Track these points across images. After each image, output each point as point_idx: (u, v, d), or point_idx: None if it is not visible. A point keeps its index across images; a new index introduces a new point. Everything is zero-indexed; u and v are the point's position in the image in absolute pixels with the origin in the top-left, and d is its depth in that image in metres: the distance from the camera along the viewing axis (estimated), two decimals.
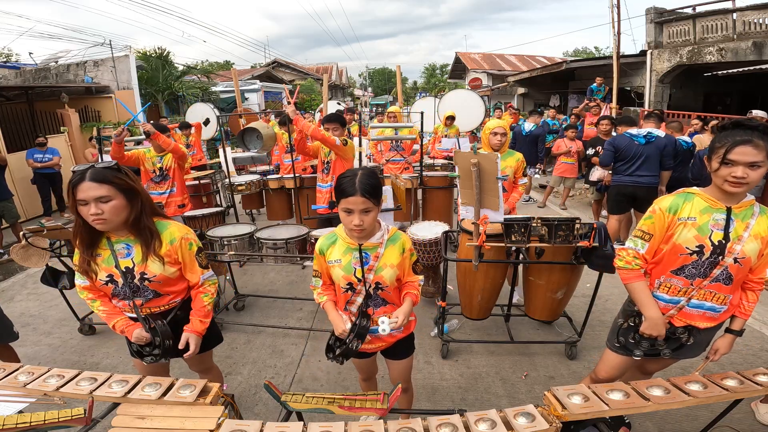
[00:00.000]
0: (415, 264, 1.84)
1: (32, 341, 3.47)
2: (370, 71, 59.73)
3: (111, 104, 10.38)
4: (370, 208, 1.62)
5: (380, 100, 36.20)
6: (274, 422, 1.36)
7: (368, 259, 1.74)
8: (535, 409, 1.39)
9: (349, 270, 1.75)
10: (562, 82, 14.87)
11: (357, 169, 1.70)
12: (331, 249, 1.80)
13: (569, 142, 6.85)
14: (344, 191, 1.60)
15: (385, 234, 1.75)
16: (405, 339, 1.94)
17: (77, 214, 1.61)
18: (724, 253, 1.63)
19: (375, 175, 1.68)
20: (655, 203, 1.75)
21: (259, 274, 4.71)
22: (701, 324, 1.78)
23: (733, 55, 8.48)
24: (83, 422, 1.40)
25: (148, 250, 1.71)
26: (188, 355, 1.82)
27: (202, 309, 1.89)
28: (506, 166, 3.31)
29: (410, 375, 2.08)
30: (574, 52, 41.61)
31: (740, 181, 1.52)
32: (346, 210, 1.63)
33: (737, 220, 1.63)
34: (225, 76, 18.58)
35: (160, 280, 1.76)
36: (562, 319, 3.25)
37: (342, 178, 1.64)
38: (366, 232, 1.69)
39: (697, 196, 1.68)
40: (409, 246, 1.81)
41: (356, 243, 1.73)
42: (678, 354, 1.89)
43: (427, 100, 9.22)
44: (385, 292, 1.80)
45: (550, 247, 2.62)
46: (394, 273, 1.76)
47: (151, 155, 3.97)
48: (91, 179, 1.56)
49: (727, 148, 1.53)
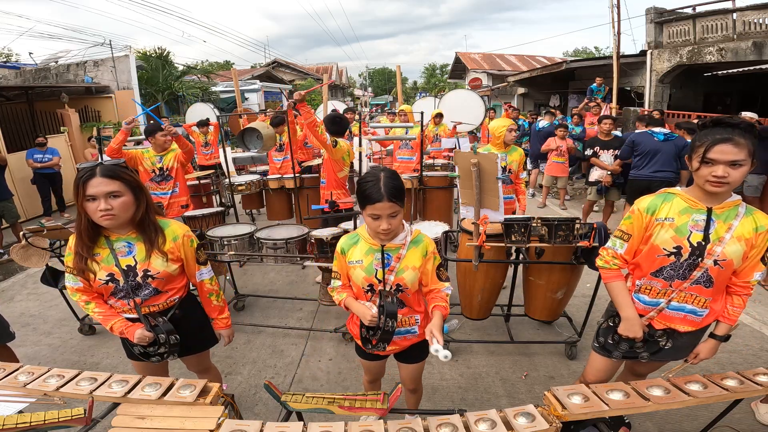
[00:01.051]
0: (440, 268, 1.77)
1: (32, 341, 3.47)
2: (370, 71, 59.73)
3: (111, 104, 10.38)
4: (397, 212, 1.59)
5: (380, 100, 36.24)
6: (274, 422, 1.36)
7: (390, 260, 1.71)
8: (535, 409, 1.39)
9: (370, 271, 1.72)
10: (562, 82, 14.85)
11: (377, 170, 1.63)
12: (353, 249, 1.77)
13: (559, 140, 6.85)
14: (369, 197, 1.55)
15: (408, 235, 1.72)
16: (419, 343, 1.91)
17: (83, 212, 1.60)
18: (703, 255, 1.59)
19: (397, 176, 1.63)
20: (635, 203, 1.72)
21: (259, 274, 4.71)
22: (681, 327, 1.74)
23: (733, 55, 8.47)
24: (83, 422, 1.40)
25: (152, 247, 1.71)
26: (225, 344, 2.04)
27: (215, 309, 1.97)
28: (512, 161, 3.57)
29: (421, 377, 2.07)
30: (574, 52, 41.61)
31: (721, 180, 1.47)
32: (372, 216, 1.58)
33: (719, 221, 1.58)
34: (225, 76, 18.58)
35: (163, 277, 1.77)
36: (562, 319, 3.25)
37: (365, 183, 1.59)
38: (392, 234, 1.67)
39: (677, 197, 1.65)
40: (433, 248, 1.76)
41: (379, 244, 1.70)
42: (657, 357, 1.85)
43: (427, 100, 9.23)
44: (405, 294, 1.76)
45: (550, 247, 2.62)
46: (416, 275, 1.72)
47: (150, 155, 3.89)
48: (102, 175, 1.56)
49: (706, 147, 1.48)
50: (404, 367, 1.99)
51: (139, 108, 10.16)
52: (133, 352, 1.87)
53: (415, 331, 1.86)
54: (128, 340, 1.78)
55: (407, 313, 1.82)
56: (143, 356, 1.84)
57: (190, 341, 1.93)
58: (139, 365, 1.94)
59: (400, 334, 1.84)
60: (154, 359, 1.83)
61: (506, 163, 3.55)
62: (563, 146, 6.80)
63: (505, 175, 3.52)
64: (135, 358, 1.90)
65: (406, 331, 1.85)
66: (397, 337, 1.84)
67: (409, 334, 1.86)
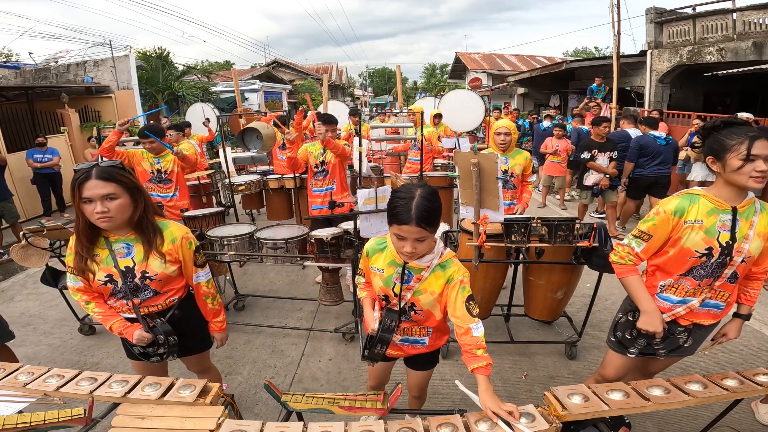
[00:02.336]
0: (470, 302, 1.56)
1: (32, 341, 3.47)
2: (370, 71, 59.74)
3: (111, 104, 10.37)
4: (426, 237, 1.47)
5: (380, 100, 36.27)
6: (274, 422, 1.36)
7: (410, 278, 1.64)
8: (535, 409, 1.39)
9: (389, 283, 1.67)
10: (562, 82, 14.85)
11: (414, 187, 1.48)
12: (378, 256, 1.71)
13: (556, 140, 6.84)
14: (397, 216, 1.44)
15: (435, 259, 1.61)
16: (429, 352, 1.87)
17: (81, 213, 1.60)
18: (732, 253, 1.63)
19: (435, 197, 1.48)
20: (660, 205, 1.72)
21: (259, 274, 4.71)
22: (706, 321, 1.79)
23: (733, 55, 8.47)
24: (83, 422, 1.40)
25: (150, 248, 1.71)
26: (217, 346, 2.04)
27: (210, 312, 1.95)
28: (515, 164, 3.37)
29: (427, 385, 2.03)
30: (574, 52, 41.60)
31: (764, 174, 1.51)
32: (397, 235, 1.49)
33: (742, 220, 1.62)
34: (225, 76, 18.56)
35: (161, 279, 1.76)
36: (562, 319, 3.25)
37: (396, 200, 1.47)
38: (417, 257, 1.57)
39: (703, 198, 1.66)
40: (461, 277, 1.58)
41: (402, 260, 1.63)
42: (674, 354, 1.87)
43: (427, 100, 9.22)
44: (419, 315, 1.71)
45: (550, 247, 2.62)
46: (434, 301, 1.64)
47: (148, 155, 3.78)
48: (98, 177, 1.55)
49: (749, 144, 1.50)
50: (411, 373, 1.96)
51: (137, 110, 10.17)
52: (132, 352, 1.88)
53: (424, 342, 1.81)
54: (128, 340, 1.78)
55: (420, 324, 1.76)
56: (143, 356, 1.84)
57: (189, 342, 1.93)
58: (138, 365, 1.94)
59: (409, 342, 1.81)
60: (154, 359, 1.83)
61: (507, 167, 3.37)
62: (561, 146, 6.79)
63: (505, 177, 3.41)
64: (135, 358, 1.91)
65: (414, 341, 1.80)
66: (404, 344, 1.82)
67: (417, 344, 1.81)
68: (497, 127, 3.35)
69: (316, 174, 3.88)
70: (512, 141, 3.33)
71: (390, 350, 1.81)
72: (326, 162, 3.82)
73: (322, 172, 3.86)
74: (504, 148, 3.32)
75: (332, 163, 3.82)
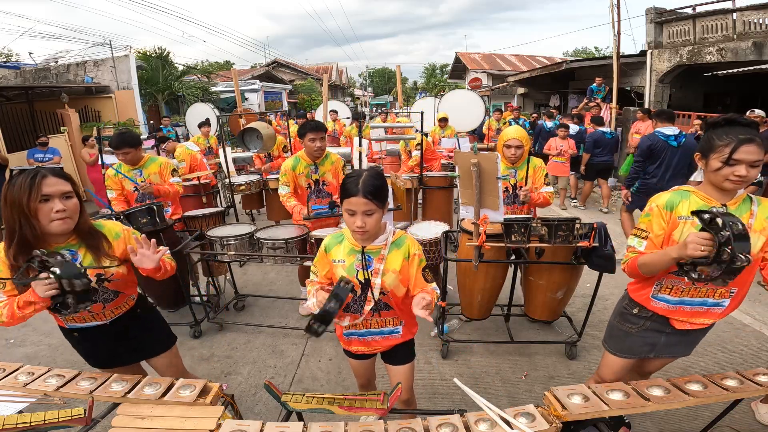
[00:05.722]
0: (425, 271, 1.73)
1: (32, 341, 3.46)
2: (370, 71, 59.75)
3: (111, 104, 10.39)
4: (373, 210, 1.58)
5: (380, 100, 36.23)
6: (274, 422, 1.36)
7: (371, 262, 1.71)
8: (535, 409, 1.39)
9: (351, 272, 1.73)
10: (562, 82, 14.84)
11: (364, 169, 1.66)
12: (337, 248, 1.78)
13: (561, 141, 6.83)
14: (347, 191, 1.58)
15: (389, 237, 1.71)
16: (404, 343, 1.90)
17: (28, 218, 1.46)
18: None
19: (380, 176, 1.64)
20: (652, 200, 1.72)
21: (259, 274, 4.72)
22: (707, 321, 1.76)
23: (733, 55, 8.46)
24: (83, 422, 1.40)
25: (100, 252, 1.67)
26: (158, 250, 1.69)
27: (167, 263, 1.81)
28: (523, 177, 3.01)
29: (411, 384, 1.99)
30: (574, 52, 41.60)
31: (742, 179, 1.50)
32: (348, 211, 1.60)
33: None
34: (225, 76, 18.58)
35: (119, 278, 1.75)
36: (562, 319, 3.25)
37: (347, 178, 1.62)
38: (369, 235, 1.65)
39: (693, 194, 1.66)
40: (415, 251, 1.73)
41: (360, 245, 1.71)
42: (667, 354, 1.88)
43: (427, 100, 9.23)
44: (387, 297, 1.76)
45: (550, 247, 2.62)
46: (396, 278, 1.70)
47: (125, 170, 3.39)
48: (55, 175, 1.52)
49: (733, 148, 1.49)
50: (392, 369, 1.95)
51: (136, 111, 10.14)
52: (71, 335, 1.87)
53: (398, 331, 1.85)
54: (62, 328, 1.82)
55: (392, 315, 1.81)
56: (60, 309, 1.52)
57: (150, 342, 1.96)
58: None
59: (383, 334, 1.84)
60: (65, 312, 1.54)
61: (515, 180, 3.02)
62: (565, 147, 6.77)
63: (514, 191, 3.04)
64: (70, 337, 1.88)
65: (390, 332, 1.84)
66: (380, 337, 1.84)
67: (392, 334, 1.85)
68: (507, 138, 2.95)
69: (312, 194, 3.38)
70: (524, 153, 2.97)
71: (366, 346, 1.86)
72: (326, 182, 3.37)
73: (318, 192, 3.39)
74: (514, 161, 2.98)
75: (333, 184, 3.36)
